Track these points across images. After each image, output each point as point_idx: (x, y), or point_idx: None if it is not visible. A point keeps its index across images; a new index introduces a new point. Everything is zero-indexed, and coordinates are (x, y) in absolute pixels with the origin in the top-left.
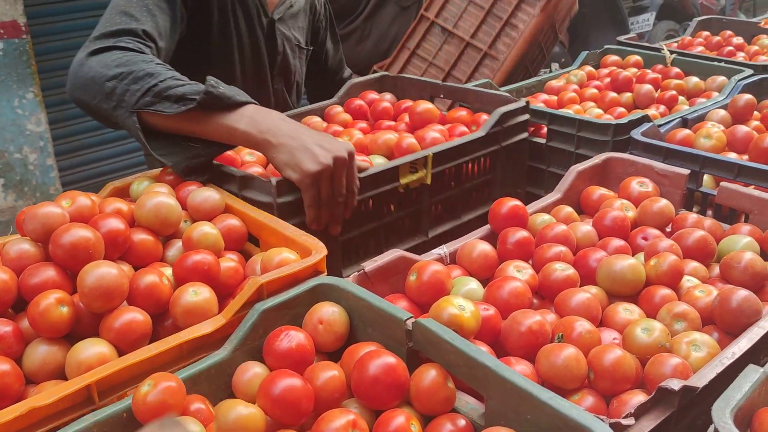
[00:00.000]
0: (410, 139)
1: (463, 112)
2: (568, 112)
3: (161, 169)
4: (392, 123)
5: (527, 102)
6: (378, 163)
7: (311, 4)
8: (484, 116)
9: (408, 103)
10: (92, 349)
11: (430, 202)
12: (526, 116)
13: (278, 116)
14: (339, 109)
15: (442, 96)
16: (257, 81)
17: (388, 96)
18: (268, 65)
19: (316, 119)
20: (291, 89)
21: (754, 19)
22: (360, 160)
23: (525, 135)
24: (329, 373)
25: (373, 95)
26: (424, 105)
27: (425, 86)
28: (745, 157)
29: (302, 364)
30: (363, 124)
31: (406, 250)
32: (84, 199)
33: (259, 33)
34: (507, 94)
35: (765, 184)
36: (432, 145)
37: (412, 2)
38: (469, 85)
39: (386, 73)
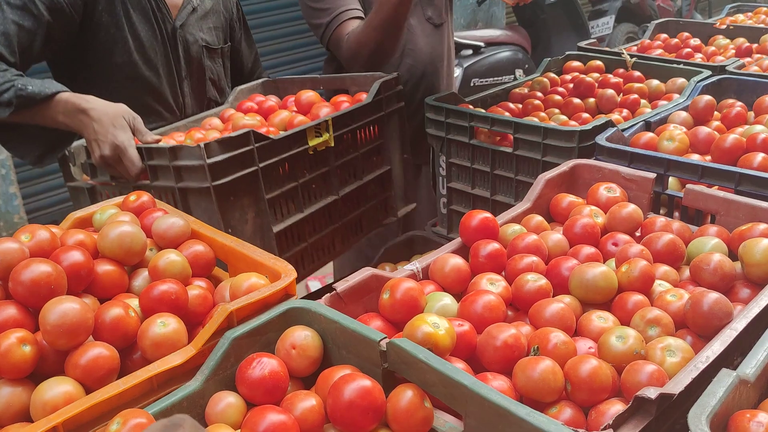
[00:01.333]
0: (301, 117)
1: (343, 97)
2: (533, 120)
3: (124, 196)
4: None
5: (397, 74)
6: None
7: (224, 5)
8: (364, 95)
9: (292, 98)
10: (58, 388)
11: (336, 165)
12: (400, 87)
13: (86, 103)
14: (232, 111)
15: (321, 88)
16: (170, 81)
17: (273, 97)
18: (176, 68)
19: (216, 121)
20: (206, 87)
21: (710, 20)
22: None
23: (402, 104)
24: (307, 403)
25: (260, 97)
26: (307, 93)
27: (305, 82)
28: (708, 158)
29: (276, 392)
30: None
31: (321, 208)
32: (44, 233)
33: (162, 39)
34: (381, 73)
35: (728, 185)
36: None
37: (443, 21)
38: (345, 75)
39: (268, 78)
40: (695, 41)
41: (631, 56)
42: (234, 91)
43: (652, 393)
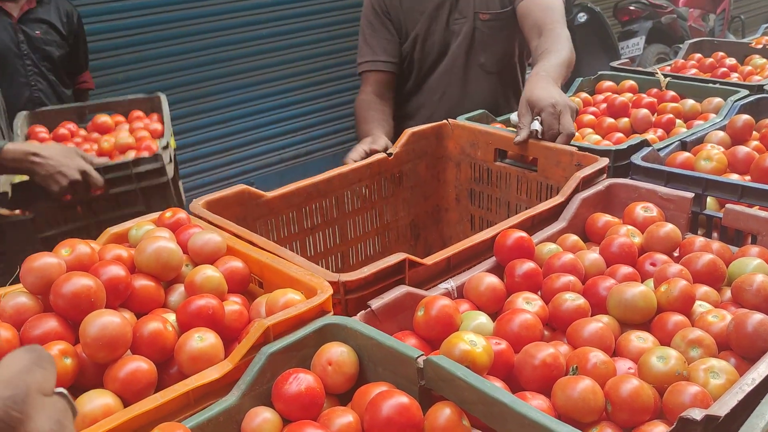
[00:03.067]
0: None
1: None
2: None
3: (160, 212)
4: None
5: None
6: None
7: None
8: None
9: None
10: (97, 400)
11: None
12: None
13: (31, 147)
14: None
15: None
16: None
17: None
18: (23, 63)
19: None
20: (48, 76)
21: (745, 40)
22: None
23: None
24: (344, 419)
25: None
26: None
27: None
28: (747, 177)
29: (313, 408)
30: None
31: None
32: (83, 247)
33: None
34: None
35: None
36: None
37: (498, 69)
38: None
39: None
40: (731, 61)
41: (665, 76)
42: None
43: (697, 414)
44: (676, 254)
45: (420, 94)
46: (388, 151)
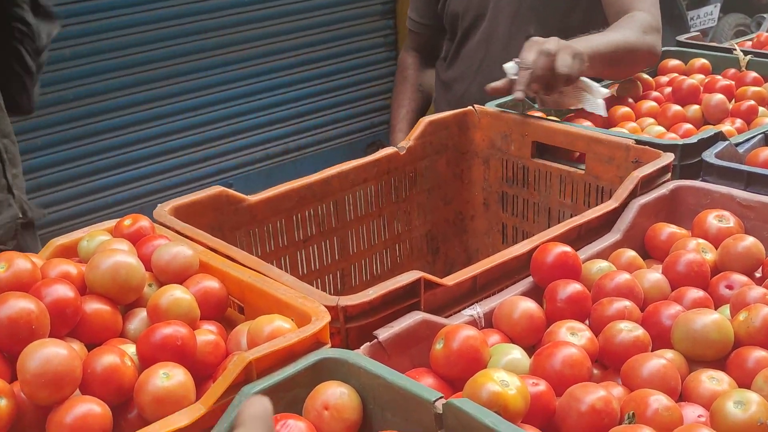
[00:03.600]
0: None
1: None
2: (621, 131)
3: (117, 220)
4: None
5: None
6: None
7: None
8: None
9: None
10: None
11: None
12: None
13: None
14: None
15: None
16: None
17: None
18: None
19: None
20: None
21: None
22: None
23: None
24: None
25: None
26: None
27: None
28: None
29: None
30: None
31: None
32: (23, 262)
33: None
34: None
35: None
36: None
37: None
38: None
39: None
40: None
41: (745, 53)
42: None
43: None
44: (758, 275)
45: (458, 62)
46: (399, 145)
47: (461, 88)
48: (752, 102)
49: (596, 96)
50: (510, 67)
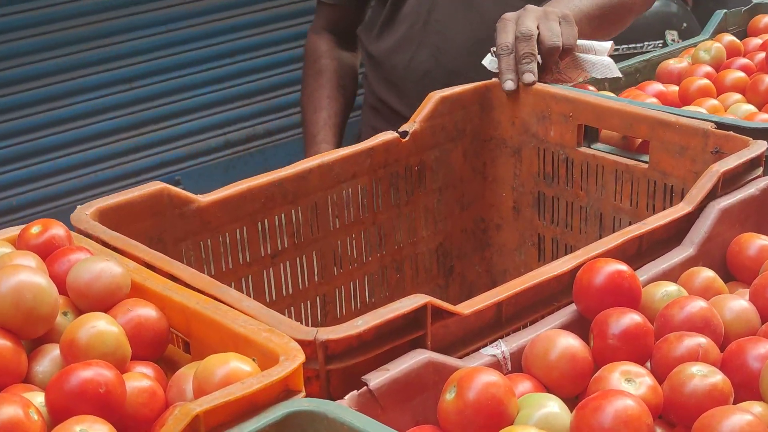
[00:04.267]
0: None
1: None
2: (697, 111)
3: (22, 227)
4: None
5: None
6: None
7: None
8: None
9: None
10: None
11: None
12: None
13: None
14: None
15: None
16: None
17: None
18: None
19: None
20: None
21: None
22: None
23: None
24: None
25: None
26: None
27: None
28: None
29: None
30: None
31: None
32: None
33: None
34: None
35: None
36: None
37: None
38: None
39: None
40: None
41: None
42: None
43: None
44: None
45: (394, 26)
46: (401, 129)
47: (403, 59)
48: None
49: (600, 54)
50: (489, 62)
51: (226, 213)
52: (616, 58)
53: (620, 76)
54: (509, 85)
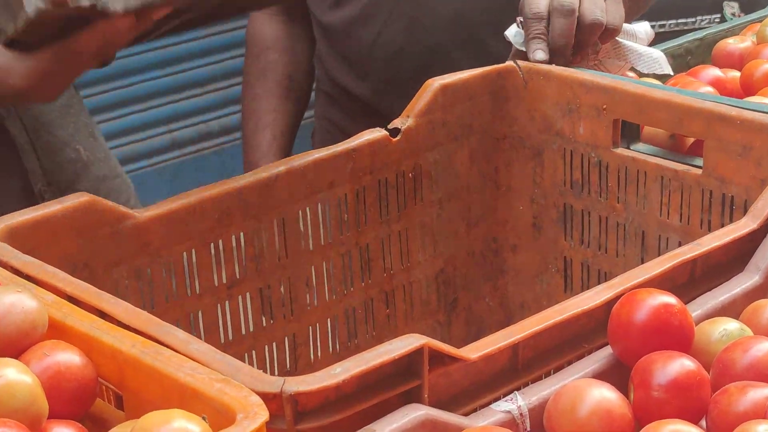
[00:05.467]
0: None
1: None
2: (763, 103)
3: None
4: None
5: None
6: None
7: None
8: None
9: None
10: None
11: None
12: None
13: None
14: None
15: None
16: None
17: None
18: None
19: None
20: None
21: None
22: None
23: None
24: None
25: None
26: None
27: None
28: None
29: None
30: None
31: None
32: None
33: None
34: None
35: None
36: None
37: None
38: None
39: None
40: None
41: None
42: None
43: None
44: None
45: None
46: (391, 126)
47: (368, 33)
48: None
49: (642, 41)
50: (514, 34)
51: (171, 231)
52: (662, 36)
53: (671, 73)
54: (540, 55)
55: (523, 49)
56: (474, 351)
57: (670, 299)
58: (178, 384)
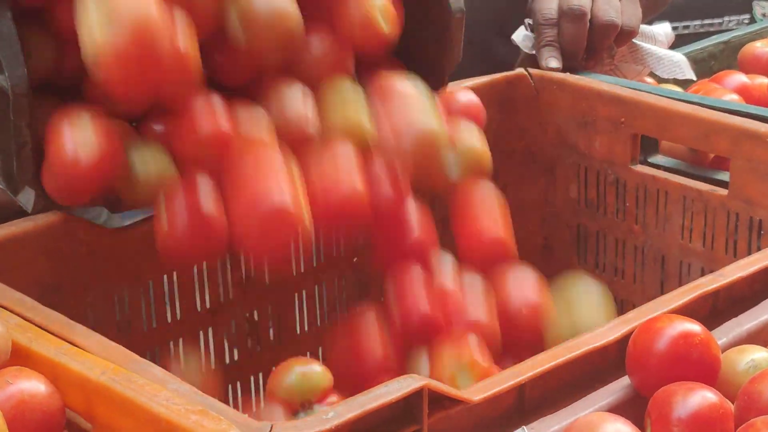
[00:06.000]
0: None
1: None
2: None
3: None
4: None
5: None
6: None
7: None
8: None
9: None
10: None
11: None
12: None
13: None
14: None
15: None
16: None
17: None
18: None
19: None
20: None
21: None
22: None
23: None
24: None
25: None
26: None
27: None
28: None
29: None
30: None
31: None
32: None
33: None
34: None
35: None
36: None
37: None
38: None
39: None
40: None
41: None
42: None
43: None
44: None
45: None
46: None
47: None
48: None
49: (661, 43)
50: (522, 37)
51: (149, 251)
52: (684, 38)
53: (693, 78)
54: (553, 63)
55: (533, 53)
56: (477, 393)
57: (692, 326)
58: (151, 415)
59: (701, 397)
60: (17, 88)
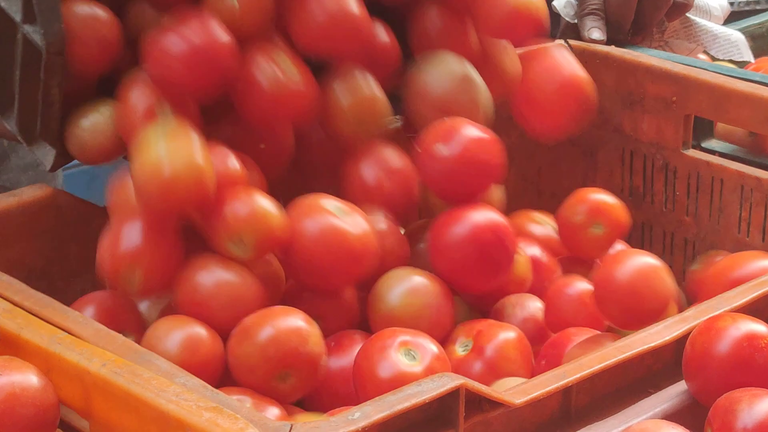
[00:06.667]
0: None
1: None
2: None
3: None
4: None
5: None
6: None
7: None
8: None
9: None
10: None
11: None
12: None
13: None
14: None
15: None
16: None
17: None
18: None
19: None
20: None
21: None
22: None
23: None
24: None
25: None
26: None
27: None
28: None
29: None
30: None
31: None
32: None
33: None
34: None
35: None
36: None
37: None
38: None
39: None
40: None
41: None
42: None
43: None
44: None
45: None
46: None
47: None
48: None
49: (716, 19)
50: (563, 4)
51: None
52: (742, 13)
53: (751, 60)
54: (596, 33)
55: (575, 22)
56: (519, 395)
57: (758, 327)
58: (158, 412)
59: None
60: (52, 47)
